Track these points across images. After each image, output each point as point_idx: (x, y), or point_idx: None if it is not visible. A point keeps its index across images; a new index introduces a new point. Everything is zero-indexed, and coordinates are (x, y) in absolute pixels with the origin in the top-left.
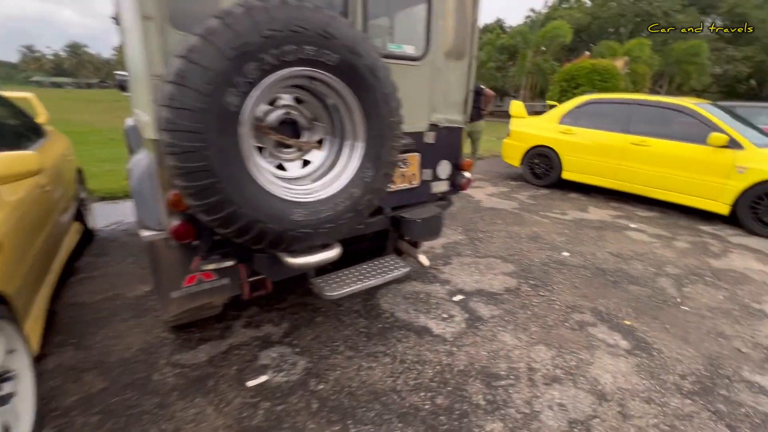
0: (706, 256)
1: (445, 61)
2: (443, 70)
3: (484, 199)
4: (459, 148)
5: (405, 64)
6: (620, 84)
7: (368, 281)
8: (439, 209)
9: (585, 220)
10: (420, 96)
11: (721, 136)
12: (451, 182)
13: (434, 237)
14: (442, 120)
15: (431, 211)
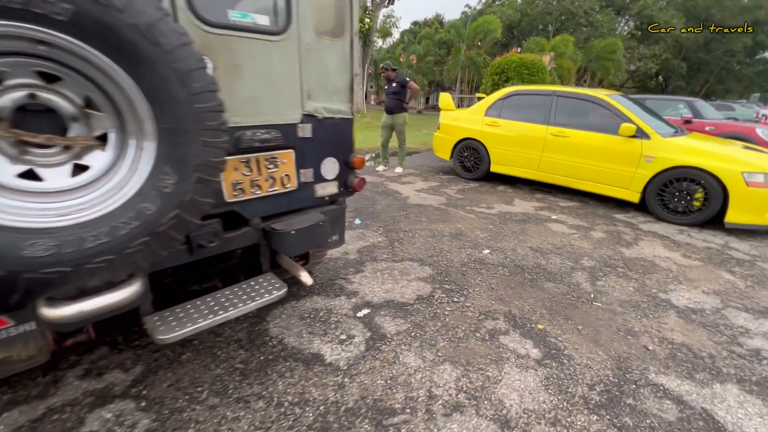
0: (620, 245)
1: (317, 38)
2: (316, 49)
3: (412, 195)
4: (348, 143)
5: (257, 38)
6: (547, 78)
7: (223, 313)
8: (324, 216)
9: (510, 214)
10: (286, 80)
11: (630, 127)
12: (341, 183)
13: (318, 248)
14: (321, 110)
15: (312, 218)
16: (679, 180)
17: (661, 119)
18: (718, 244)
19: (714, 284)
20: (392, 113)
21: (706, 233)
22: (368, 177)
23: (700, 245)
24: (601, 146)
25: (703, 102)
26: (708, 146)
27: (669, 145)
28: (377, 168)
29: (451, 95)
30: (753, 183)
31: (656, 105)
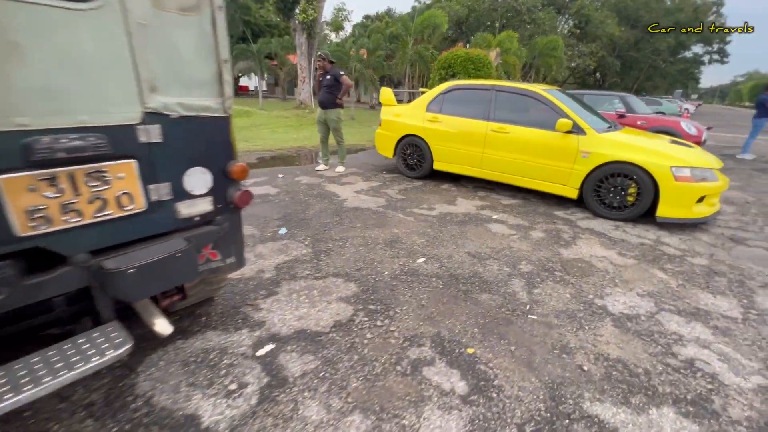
0: (558, 245)
1: (156, 10)
2: (157, 26)
3: (350, 197)
4: (223, 148)
5: (47, 5)
6: (492, 72)
7: (27, 391)
8: (186, 243)
9: (451, 215)
10: (107, 66)
11: (566, 122)
12: (219, 198)
13: (179, 284)
14: (175, 107)
15: (165, 248)
16: (614, 175)
17: (597, 114)
18: (651, 239)
19: (648, 284)
20: (326, 108)
21: (640, 228)
22: (306, 178)
23: (634, 241)
24: (540, 142)
25: (634, 97)
26: (639, 141)
27: (603, 141)
28: (317, 167)
29: (394, 90)
30: (681, 177)
31: (594, 100)
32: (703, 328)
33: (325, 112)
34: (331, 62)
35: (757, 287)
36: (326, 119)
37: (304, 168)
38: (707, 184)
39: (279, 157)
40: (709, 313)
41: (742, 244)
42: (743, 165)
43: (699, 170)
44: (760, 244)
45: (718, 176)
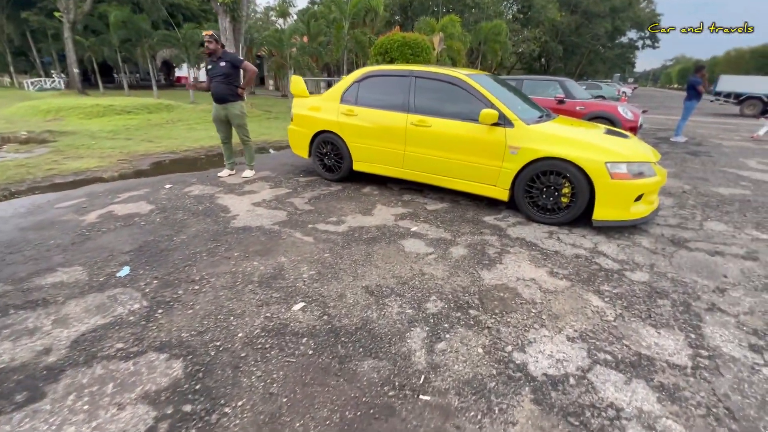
0: (481, 265)
1: None
2: None
3: (244, 212)
4: None
5: None
6: (432, 58)
7: None
8: None
9: (361, 230)
10: None
11: (490, 113)
12: None
13: None
14: None
15: None
16: (546, 174)
17: (530, 102)
18: (587, 248)
19: (581, 319)
20: (224, 102)
21: (577, 234)
22: (200, 188)
23: (569, 253)
24: (465, 137)
25: (573, 82)
26: (572, 133)
27: (533, 134)
28: (219, 173)
29: (333, 79)
30: (617, 174)
31: (533, 86)
32: (646, 391)
33: (224, 107)
34: (223, 45)
35: (704, 311)
36: (227, 115)
37: (205, 174)
38: (645, 181)
39: (182, 161)
40: (652, 362)
41: (684, 247)
42: (677, 149)
43: (636, 165)
44: (701, 246)
45: (656, 170)
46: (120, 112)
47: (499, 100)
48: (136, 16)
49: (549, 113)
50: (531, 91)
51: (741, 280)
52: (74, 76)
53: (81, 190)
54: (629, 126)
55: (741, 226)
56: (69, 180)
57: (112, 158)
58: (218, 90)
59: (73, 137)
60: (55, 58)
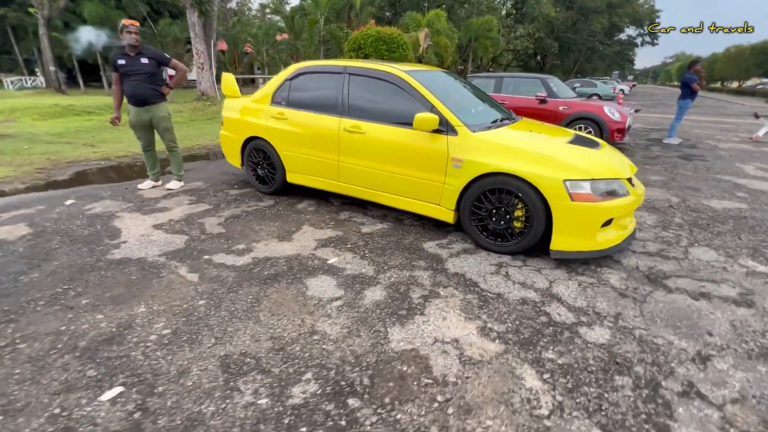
0: (395, 318)
1: None
2: None
3: (136, 237)
4: None
5: None
6: (409, 54)
7: None
8: None
9: (267, 263)
10: None
11: (428, 118)
12: None
13: None
14: None
15: None
16: (494, 192)
17: (491, 104)
18: (539, 289)
19: (502, 417)
20: (147, 104)
21: (530, 268)
22: (107, 203)
23: (513, 297)
24: (403, 145)
25: (557, 80)
26: (527, 142)
27: (480, 143)
28: (140, 185)
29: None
30: (578, 195)
31: (515, 84)
32: None
33: (147, 110)
34: (138, 34)
35: (677, 398)
36: (152, 119)
37: (125, 186)
38: (616, 202)
39: (112, 169)
40: None
41: (662, 286)
42: (669, 151)
43: (603, 183)
44: (683, 285)
45: (629, 188)
46: (79, 113)
47: (441, 102)
48: (113, 12)
49: (511, 116)
50: (511, 89)
51: (730, 341)
52: (50, 74)
53: None
54: (616, 128)
55: (734, 253)
56: None
57: (31, 166)
58: (139, 91)
59: (10, 140)
60: (37, 56)
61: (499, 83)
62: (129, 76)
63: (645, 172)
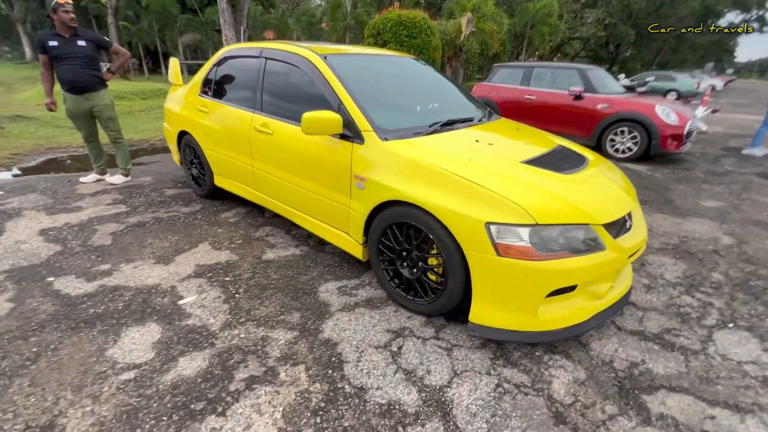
0: (182, 415)
1: None
2: None
3: (10, 243)
4: None
5: None
6: (433, 40)
7: None
8: None
9: (109, 294)
10: None
11: (326, 118)
12: None
13: None
14: None
15: None
16: (403, 227)
17: (459, 100)
18: (428, 389)
19: None
20: (86, 91)
21: (439, 344)
22: (27, 198)
23: (376, 401)
24: (306, 153)
25: (600, 71)
26: (454, 156)
27: (387, 157)
28: (83, 178)
29: None
30: (509, 248)
31: (545, 75)
32: None
33: (86, 98)
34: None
35: None
36: (93, 107)
37: (69, 178)
38: (576, 262)
39: (86, 158)
40: None
41: (636, 410)
42: (746, 166)
43: (558, 230)
44: (677, 412)
45: (606, 240)
46: (126, 96)
47: (353, 97)
48: (169, 1)
49: (487, 114)
50: (543, 82)
51: None
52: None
53: None
54: (670, 134)
55: None
56: None
57: (8, 151)
58: (77, 77)
59: (26, 123)
60: None
61: (527, 74)
62: (63, 59)
63: (698, 194)
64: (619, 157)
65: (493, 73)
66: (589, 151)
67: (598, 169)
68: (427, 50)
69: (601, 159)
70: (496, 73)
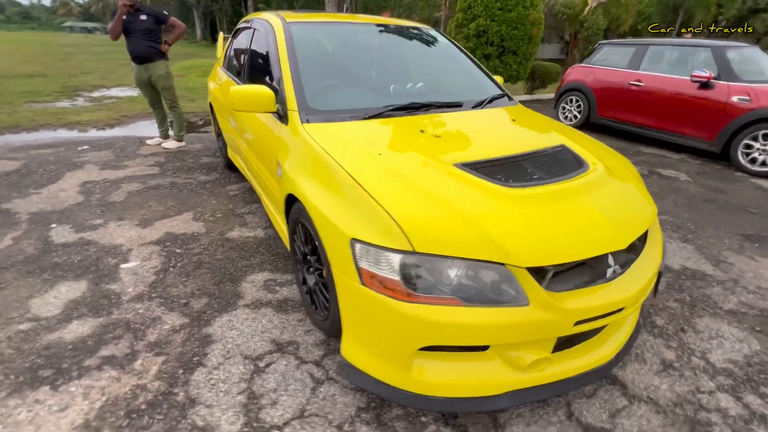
0: None
1: None
2: None
3: (60, 189)
4: None
5: None
6: (533, 13)
7: None
8: None
9: (75, 248)
10: None
11: (251, 92)
12: None
13: None
14: None
15: None
16: (305, 227)
17: (472, 71)
18: None
19: None
20: (145, 62)
21: (316, 372)
22: (102, 154)
23: None
24: (255, 129)
25: (750, 49)
26: (367, 151)
27: (300, 143)
28: (148, 141)
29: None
30: (373, 277)
31: (666, 55)
32: None
33: (146, 68)
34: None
35: None
36: (150, 77)
37: (140, 139)
38: (469, 314)
39: None
40: None
41: None
42: None
43: (449, 265)
44: None
45: (530, 292)
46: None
47: (292, 68)
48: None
49: (489, 100)
50: (657, 65)
51: None
52: None
53: None
54: None
55: None
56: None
57: (124, 112)
58: (138, 48)
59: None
60: None
61: (639, 54)
62: (130, 33)
63: None
64: (755, 171)
65: (596, 51)
66: (605, 155)
67: (589, 184)
68: (522, 25)
69: (616, 169)
70: (600, 52)
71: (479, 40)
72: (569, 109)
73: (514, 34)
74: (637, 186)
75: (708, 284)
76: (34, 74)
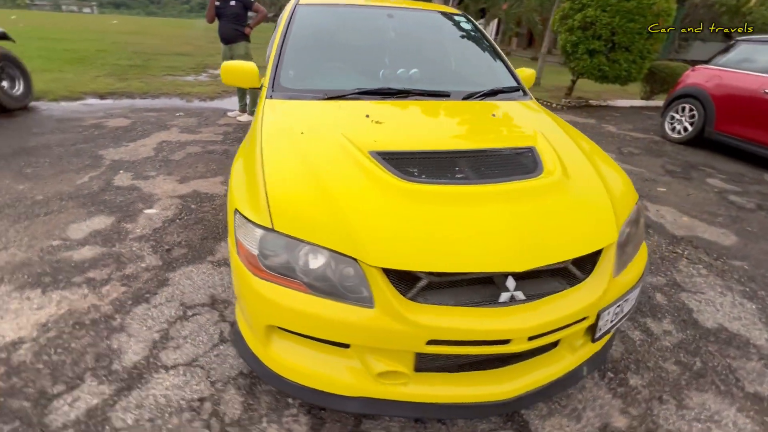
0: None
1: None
2: None
3: (141, 145)
4: None
5: None
6: (659, 4)
7: None
8: None
9: (119, 191)
10: None
11: (244, 69)
12: None
13: None
14: None
15: None
16: None
17: (489, 63)
18: None
19: None
20: (231, 42)
21: None
22: (190, 120)
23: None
24: None
25: None
26: (292, 129)
27: (255, 118)
28: (230, 112)
29: None
30: (240, 246)
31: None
32: None
33: (230, 48)
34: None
35: None
36: (232, 56)
37: (229, 111)
38: (306, 301)
39: None
40: None
41: None
42: None
43: (304, 250)
44: None
45: (384, 298)
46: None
47: (280, 46)
48: None
49: (491, 93)
50: (743, 62)
51: None
52: None
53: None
54: None
55: None
56: (153, 96)
57: (220, 89)
58: (226, 30)
59: None
60: None
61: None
62: (221, 17)
63: None
64: None
65: (729, 50)
66: (552, 163)
67: (521, 191)
68: (642, 17)
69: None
70: (733, 51)
71: (584, 33)
72: (678, 119)
73: (628, 27)
74: (614, 210)
75: (744, 355)
76: (182, 53)
